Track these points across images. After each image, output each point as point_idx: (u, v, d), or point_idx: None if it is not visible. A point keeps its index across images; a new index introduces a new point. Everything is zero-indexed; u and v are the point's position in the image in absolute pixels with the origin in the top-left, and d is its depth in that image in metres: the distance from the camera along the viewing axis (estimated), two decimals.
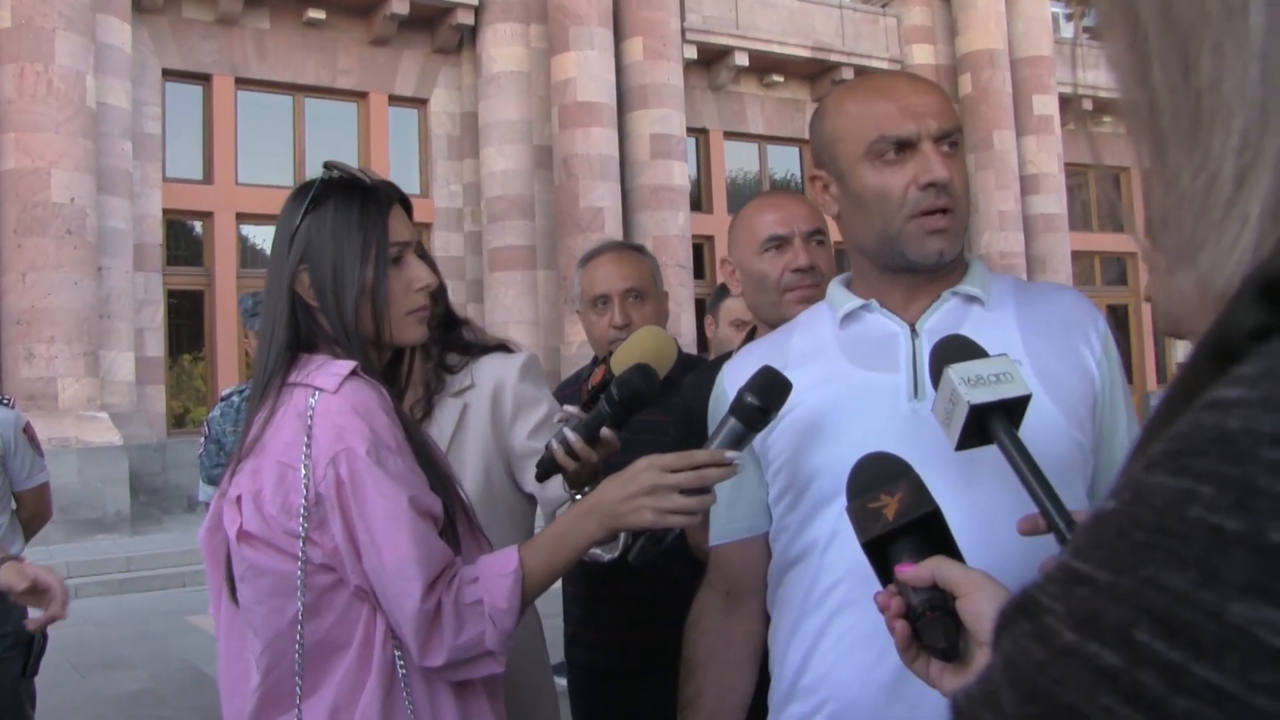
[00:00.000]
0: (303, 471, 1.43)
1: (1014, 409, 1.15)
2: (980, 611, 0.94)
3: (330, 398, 1.45)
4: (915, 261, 1.43)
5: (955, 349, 1.21)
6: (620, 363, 1.73)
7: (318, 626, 1.45)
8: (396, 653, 1.46)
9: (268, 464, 1.46)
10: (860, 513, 1.05)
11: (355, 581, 1.43)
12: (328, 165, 1.60)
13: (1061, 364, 1.41)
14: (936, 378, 1.19)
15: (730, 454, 1.40)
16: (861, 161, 1.42)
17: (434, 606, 1.41)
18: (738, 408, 1.39)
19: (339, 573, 1.44)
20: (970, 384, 1.14)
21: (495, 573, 1.45)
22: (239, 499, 1.48)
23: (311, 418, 1.44)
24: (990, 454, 1.19)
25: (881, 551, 1.04)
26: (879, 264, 1.47)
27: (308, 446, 1.43)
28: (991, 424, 1.14)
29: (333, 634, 1.46)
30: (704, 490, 1.42)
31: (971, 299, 1.46)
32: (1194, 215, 0.42)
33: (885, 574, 1.03)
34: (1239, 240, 0.41)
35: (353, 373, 1.48)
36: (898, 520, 1.02)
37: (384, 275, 1.54)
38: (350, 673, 1.45)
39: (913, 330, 1.45)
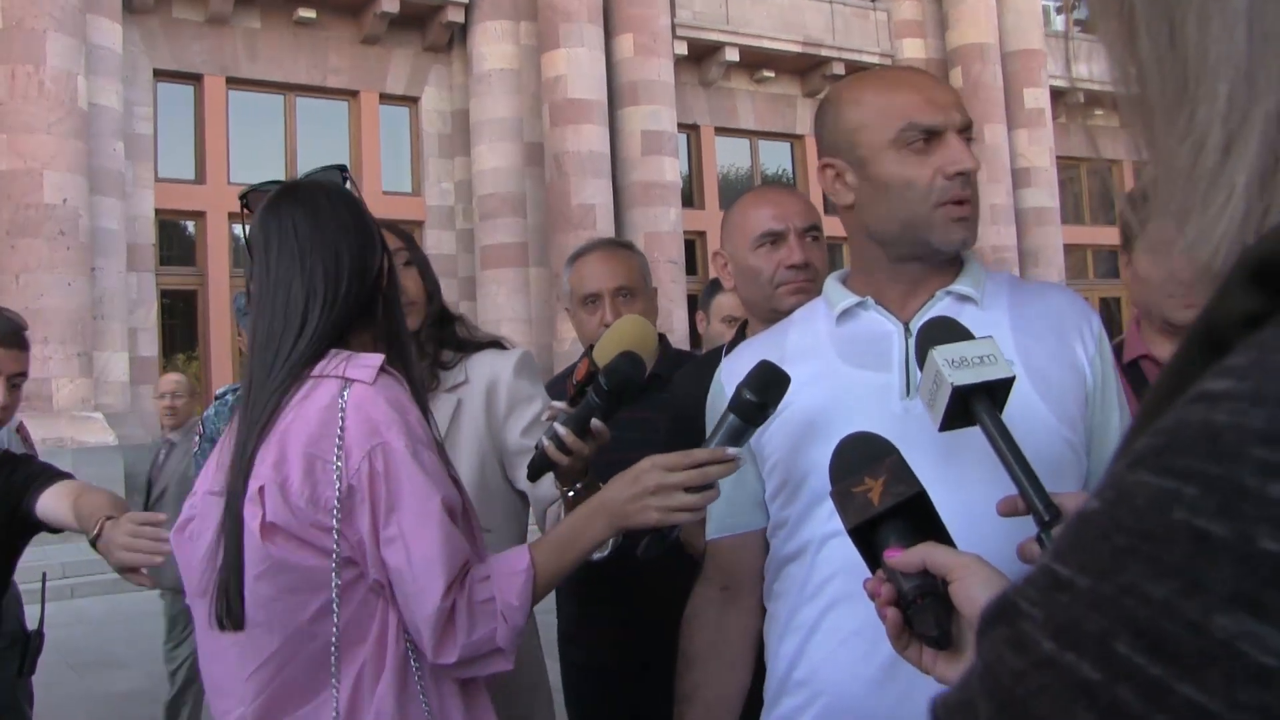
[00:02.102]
0: (335, 463, 1.41)
1: (997, 391, 1.17)
2: (974, 596, 0.92)
3: (365, 389, 1.44)
4: (938, 248, 1.44)
5: (941, 331, 1.22)
6: (603, 354, 1.73)
7: (339, 620, 1.44)
8: (409, 646, 1.46)
9: (294, 455, 1.43)
10: (844, 497, 1.04)
11: (374, 575, 1.43)
12: (339, 169, 1.70)
13: (1054, 364, 1.42)
14: (922, 359, 1.21)
15: (731, 450, 1.43)
16: (888, 149, 1.42)
17: (450, 605, 1.42)
18: (736, 404, 1.41)
19: (360, 566, 1.44)
20: (954, 365, 1.15)
21: (507, 571, 1.47)
22: (261, 490, 1.43)
23: (344, 410, 1.43)
24: (980, 453, 1.20)
25: (868, 536, 1.02)
26: (893, 253, 1.47)
27: (340, 438, 1.42)
28: (974, 406, 1.15)
29: (350, 628, 1.45)
30: (707, 487, 1.45)
31: (965, 298, 1.47)
32: (1181, 185, 0.41)
33: (873, 559, 1.02)
34: (1225, 210, 0.39)
35: (382, 366, 1.49)
36: (883, 504, 1.00)
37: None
38: (369, 665, 1.44)
39: (906, 329, 1.46)
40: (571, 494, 1.79)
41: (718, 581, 1.63)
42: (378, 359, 1.48)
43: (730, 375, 1.60)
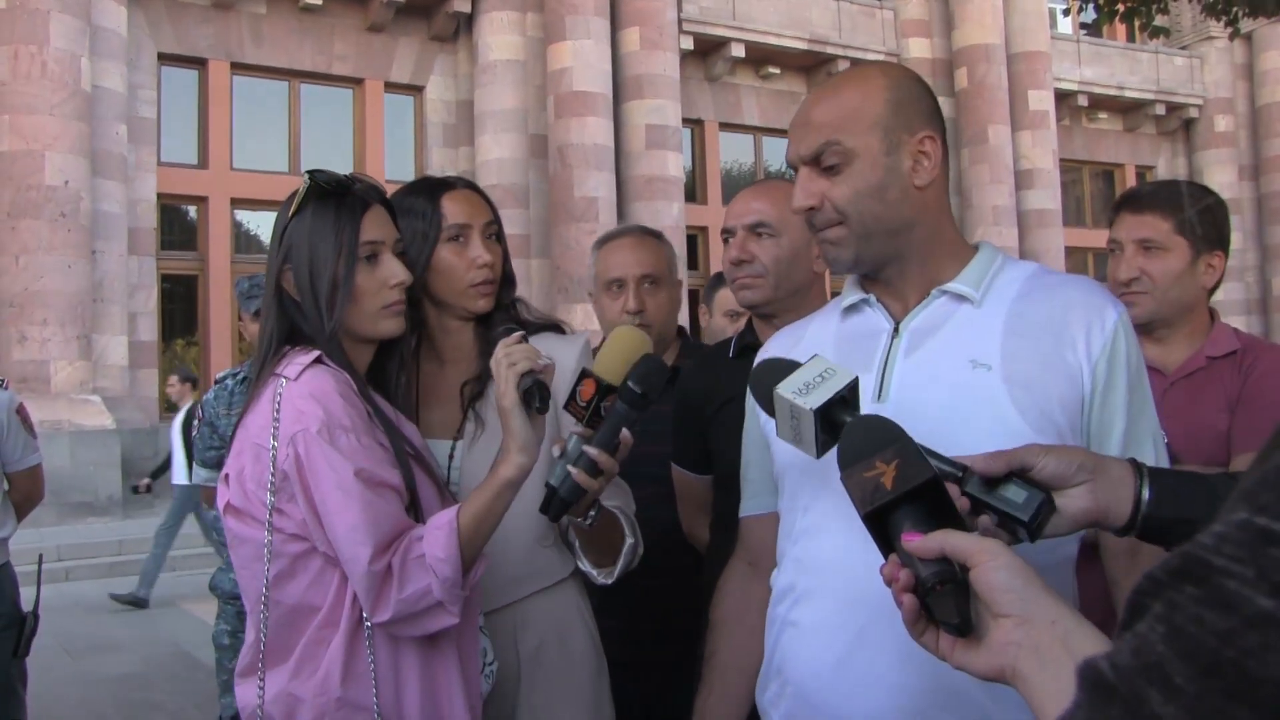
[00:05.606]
0: (270, 450, 1.60)
1: (850, 397, 1.19)
2: (996, 581, 0.89)
3: (292, 384, 1.61)
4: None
5: (769, 373, 1.25)
6: (606, 368, 1.64)
7: (295, 589, 1.62)
8: (364, 612, 1.60)
9: (247, 445, 1.64)
10: (856, 482, 1.02)
11: (322, 548, 1.59)
12: (310, 173, 1.71)
13: (1040, 367, 1.35)
14: (767, 406, 1.23)
15: (625, 434, 1.59)
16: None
17: (384, 568, 1.54)
18: (623, 394, 1.57)
19: (310, 540, 1.59)
20: (802, 393, 1.18)
21: (434, 526, 1.57)
22: (227, 477, 1.67)
23: (278, 403, 1.61)
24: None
25: (881, 521, 1.00)
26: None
27: (275, 428, 1.60)
28: (839, 416, 1.17)
29: (307, 596, 1.61)
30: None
31: (961, 298, 1.42)
32: None
33: (886, 544, 1.00)
34: None
35: (317, 360, 1.64)
36: (897, 489, 0.98)
37: (351, 274, 1.67)
38: (323, 629, 1.61)
39: (896, 330, 1.44)
40: (589, 523, 1.72)
41: (745, 557, 1.72)
42: (311, 355, 1.64)
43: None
